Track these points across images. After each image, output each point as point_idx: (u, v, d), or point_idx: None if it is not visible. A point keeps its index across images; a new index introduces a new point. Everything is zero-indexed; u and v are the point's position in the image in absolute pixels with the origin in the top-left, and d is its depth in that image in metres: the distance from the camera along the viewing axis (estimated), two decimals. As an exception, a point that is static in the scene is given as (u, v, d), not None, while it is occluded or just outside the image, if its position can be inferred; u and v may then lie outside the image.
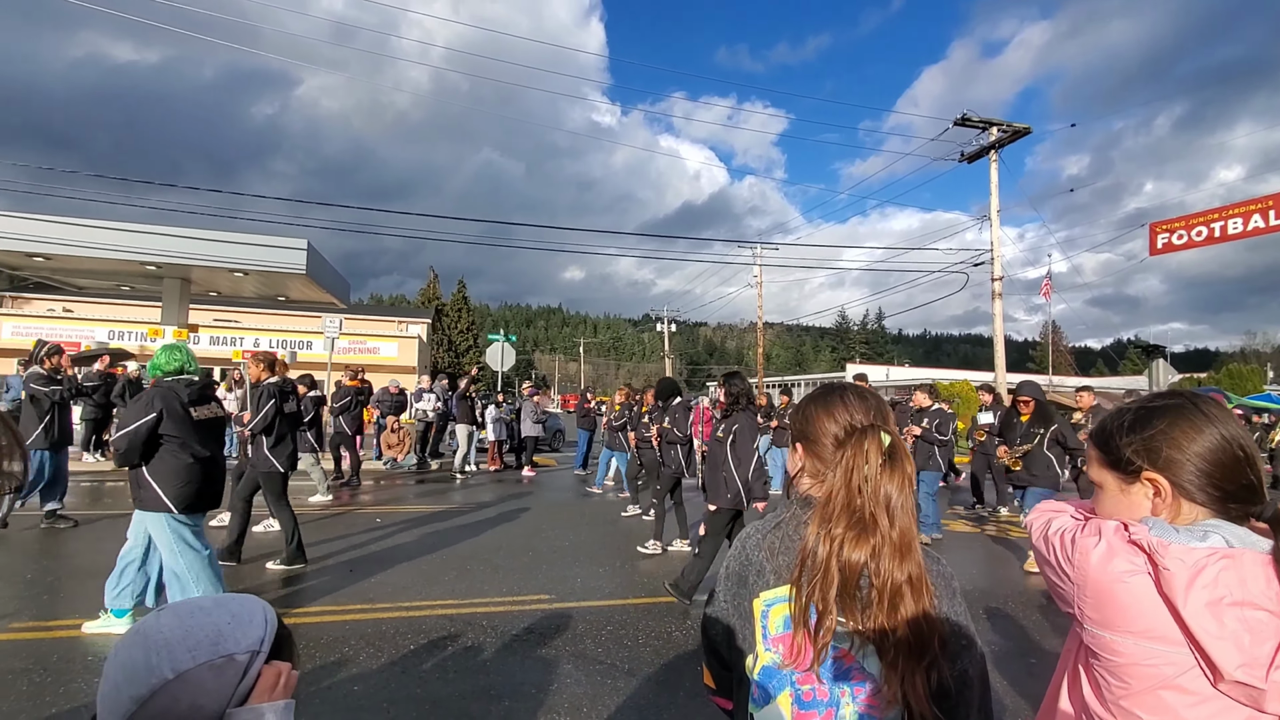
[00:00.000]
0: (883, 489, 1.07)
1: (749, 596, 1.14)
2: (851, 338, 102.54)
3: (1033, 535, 1.26)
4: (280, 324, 28.00)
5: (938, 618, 1.03)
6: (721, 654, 1.25)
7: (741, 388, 5.35)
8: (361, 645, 4.06)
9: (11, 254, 13.40)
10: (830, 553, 1.04)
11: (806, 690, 1.05)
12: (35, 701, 3.22)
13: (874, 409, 1.19)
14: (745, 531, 1.23)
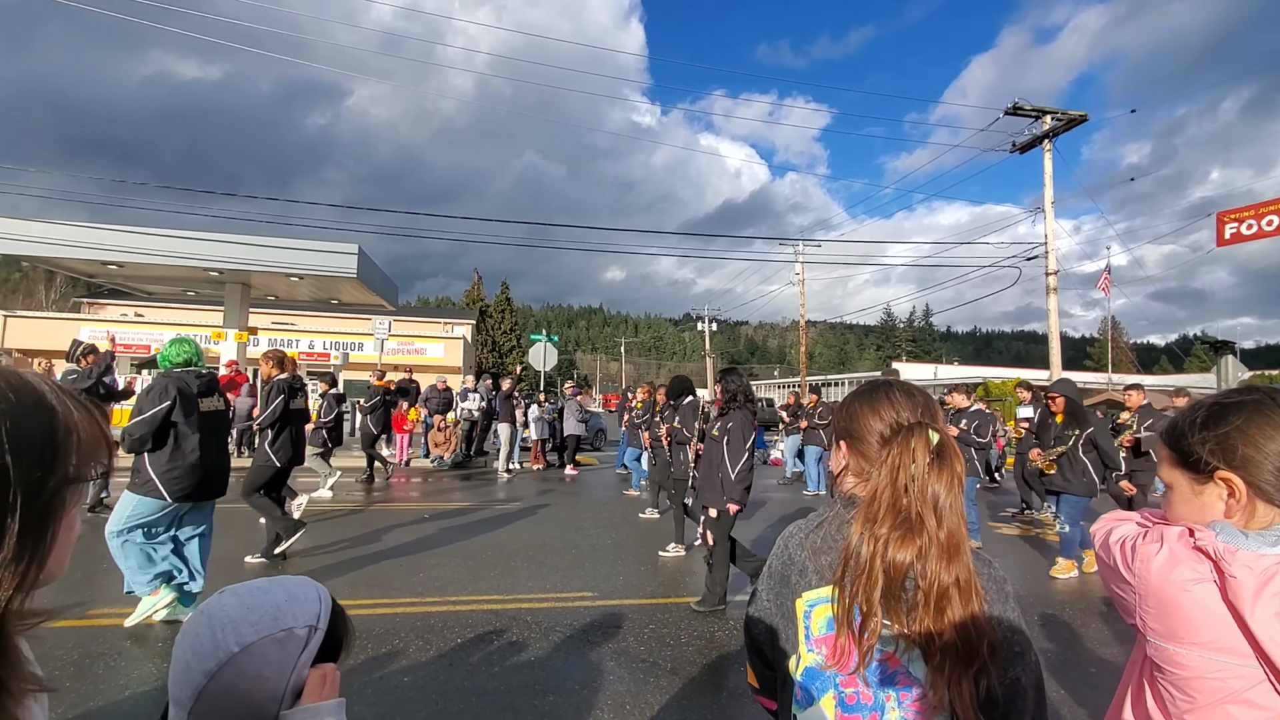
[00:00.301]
0: (930, 488, 1.04)
1: (791, 596, 1.13)
2: (897, 335, 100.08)
3: (1095, 544, 1.21)
4: (333, 326, 28.99)
5: (987, 623, 1.00)
6: (765, 653, 1.24)
7: (738, 385, 5.20)
8: (411, 637, 4.18)
9: (88, 262, 14.25)
10: (874, 553, 1.02)
11: (850, 693, 1.03)
12: (111, 685, 3.42)
13: (922, 406, 1.16)
14: (788, 530, 1.22)
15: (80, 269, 15.53)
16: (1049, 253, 16.96)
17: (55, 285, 48.73)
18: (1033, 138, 16.88)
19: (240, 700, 0.84)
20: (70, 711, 3.12)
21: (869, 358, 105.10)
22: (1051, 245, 16.91)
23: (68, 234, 13.37)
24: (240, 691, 0.83)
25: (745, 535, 7.58)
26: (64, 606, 4.48)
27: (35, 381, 0.53)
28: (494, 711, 3.28)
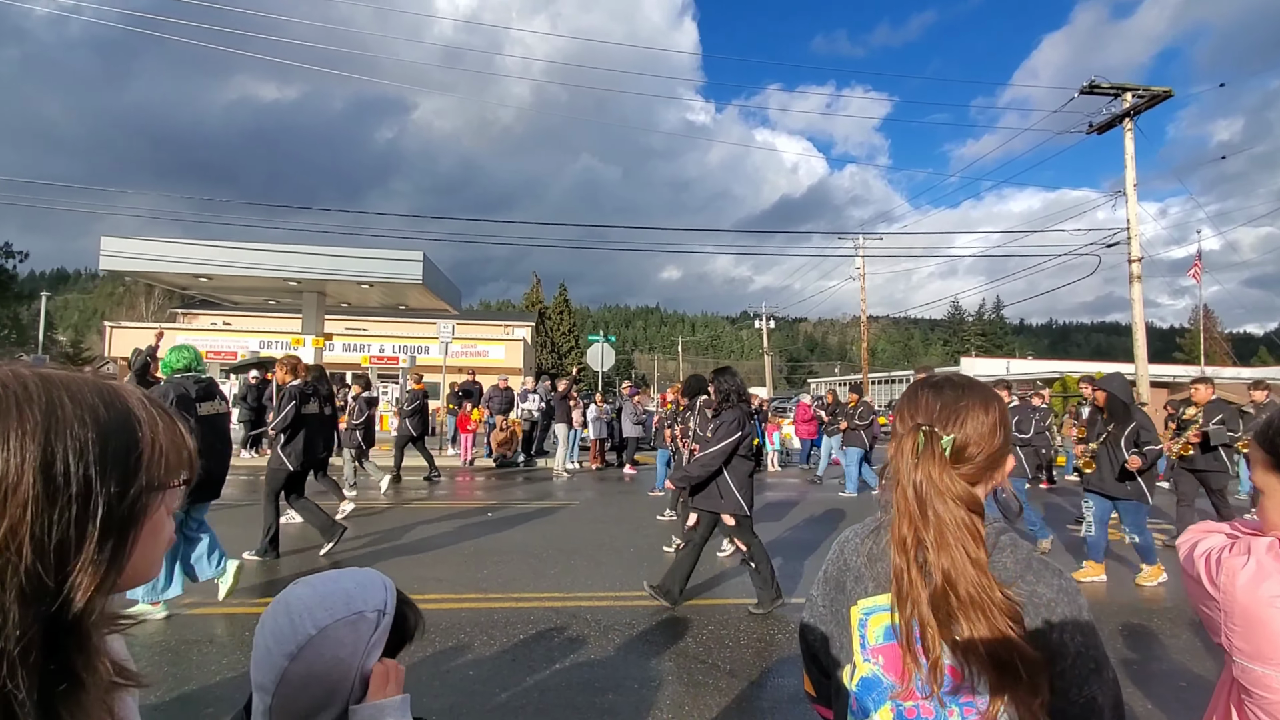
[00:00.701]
0: (913, 480, 1.02)
1: (846, 603, 1.11)
2: (966, 329, 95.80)
3: (1180, 557, 1.14)
4: (401, 331, 30.15)
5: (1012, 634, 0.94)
6: (821, 661, 1.21)
7: (730, 385, 5.08)
8: (476, 632, 4.31)
9: (181, 275, 15.37)
10: (908, 561, 0.99)
11: (909, 707, 1.00)
12: (202, 670, 3.69)
13: (940, 406, 1.10)
14: (844, 535, 1.20)
15: (174, 282, 16.75)
16: (1131, 239, 15.89)
17: (154, 298, 52.58)
18: (1112, 117, 15.86)
19: (319, 682, 0.90)
20: (169, 694, 3.38)
21: (936, 353, 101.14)
22: (1134, 230, 15.84)
23: (163, 250, 14.44)
24: (318, 673, 0.90)
25: (773, 535, 7.45)
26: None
27: (124, 392, 0.56)
28: (555, 707, 3.35)
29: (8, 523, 0.46)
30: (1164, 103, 15.40)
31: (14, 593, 0.46)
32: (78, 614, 0.50)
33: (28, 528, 0.46)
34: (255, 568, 5.70)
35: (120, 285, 55.60)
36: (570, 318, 65.20)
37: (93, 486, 0.50)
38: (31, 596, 0.47)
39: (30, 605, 0.47)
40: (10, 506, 0.46)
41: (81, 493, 0.49)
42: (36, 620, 0.47)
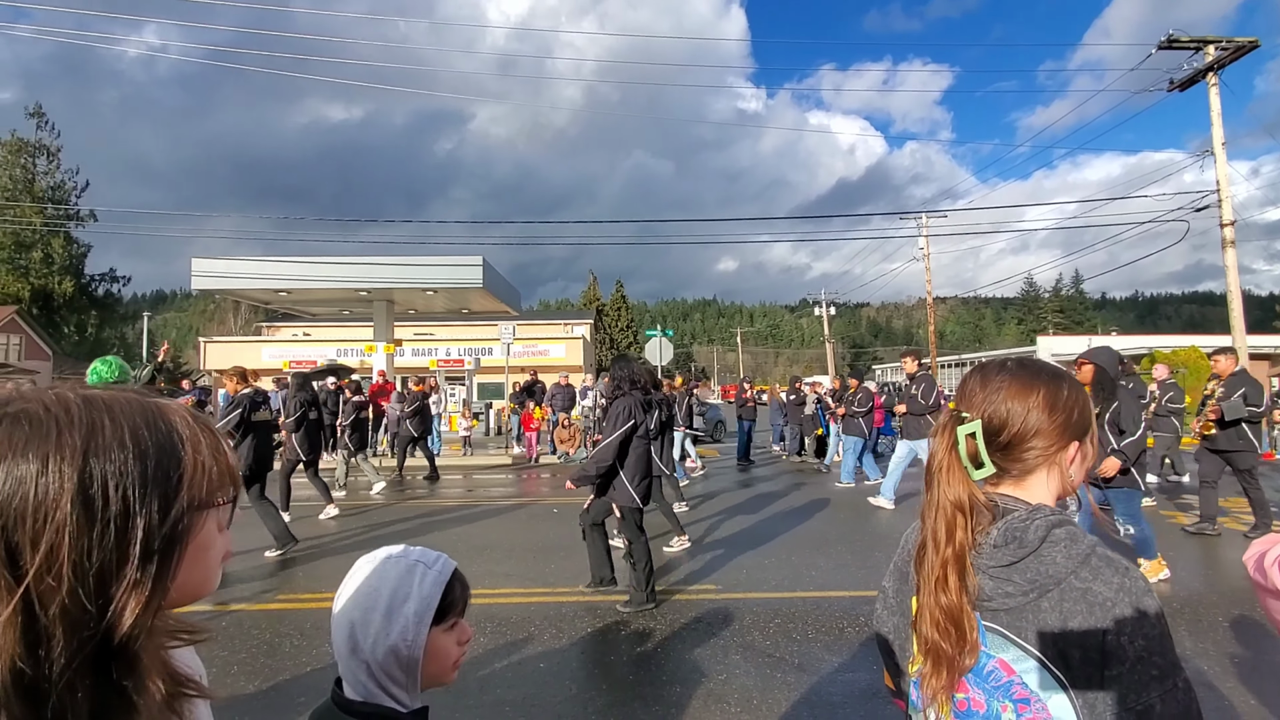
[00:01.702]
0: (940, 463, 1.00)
1: (909, 594, 1.09)
2: (1042, 306, 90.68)
3: (1250, 568, 1.07)
4: (466, 334, 31.07)
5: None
6: (894, 653, 1.19)
7: (624, 373, 4.93)
8: (546, 625, 4.44)
9: (263, 291, 16.34)
10: (931, 539, 0.99)
11: (961, 699, 0.98)
12: (296, 661, 3.95)
13: (977, 389, 1.05)
14: (915, 525, 1.16)
15: (258, 297, 17.82)
16: (1222, 201, 14.66)
17: (240, 313, 56.14)
18: (1194, 72, 14.65)
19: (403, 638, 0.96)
20: (265, 683, 3.64)
21: (1010, 332, 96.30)
22: (1225, 193, 14.61)
23: (246, 268, 15.39)
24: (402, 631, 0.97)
25: (756, 528, 7.26)
26: (257, 594, 5.21)
27: (168, 410, 0.56)
28: (624, 699, 3.42)
29: (45, 548, 0.46)
30: (1250, 54, 14.14)
31: (57, 617, 0.46)
32: (125, 636, 0.49)
33: (67, 552, 0.46)
34: (324, 561, 6.05)
35: (211, 303, 59.59)
36: (628, 313, 65.61)
37: (132, 509, 0.50)
38: (75, 621, 0.47)
39: (75, 630, 0.47)
40: (49, 531, 0.46)
41: (121, 515, 0.49)
42: (83, 644, 0.47)
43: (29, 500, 0.46)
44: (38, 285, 37.86)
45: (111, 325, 43.46)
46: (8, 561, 0.45)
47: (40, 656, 0.45)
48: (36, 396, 0.51)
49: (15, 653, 0.44)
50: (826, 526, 7.44)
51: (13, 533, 0.45)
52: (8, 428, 0.48)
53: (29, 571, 0.45)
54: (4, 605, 0.44)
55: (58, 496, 0.46)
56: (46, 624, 0.46)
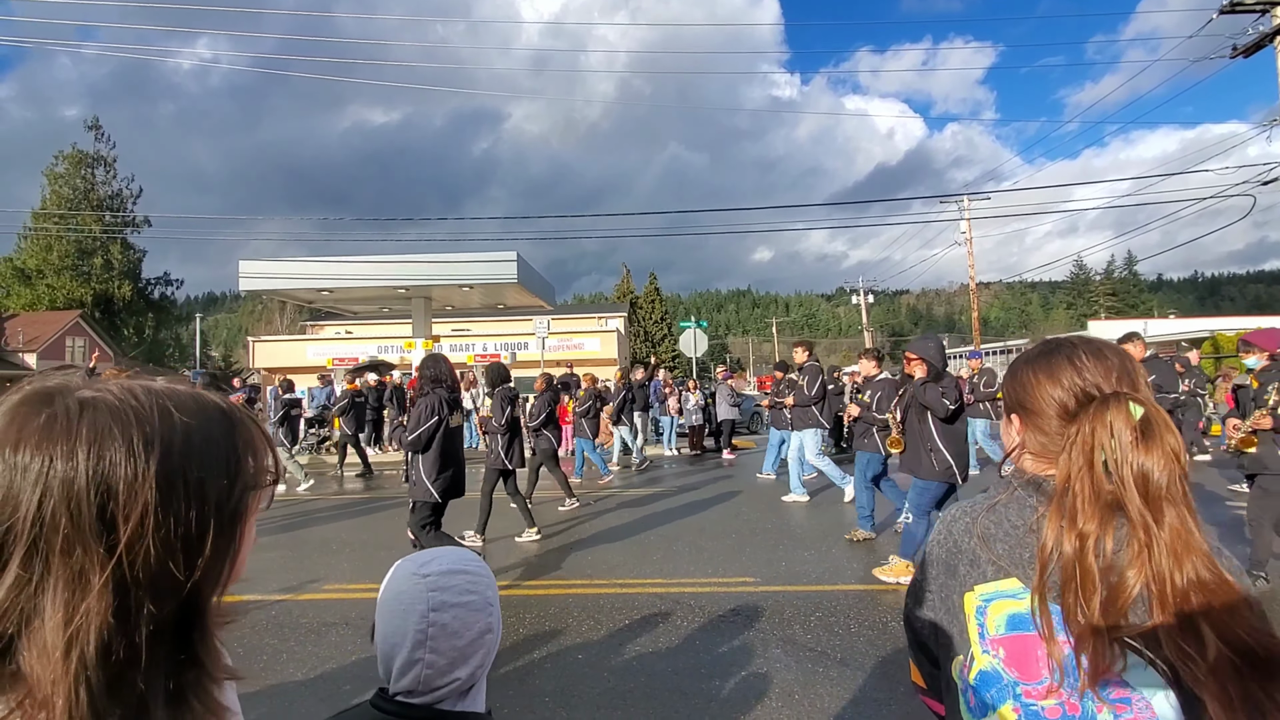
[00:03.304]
0: (1137, 468, 0.86)
1: (959, 589, 1.00)
2: (1093, 289, 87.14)
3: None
4: (502, 329, 31.46)
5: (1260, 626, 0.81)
6: (930, 651, 1.11)
7: (431, 371, 4.94)
8: (583, 617, 4.44)
9: (307, 291, 16.80)
10: (1082, 551, 0.87)
11: (1052, 705, 0.89)
12: (341, 650, 4.03)
13: (1117, 370, 0.97)
14: (952, 514, 1.08)
15: (302, 297, 18.34)
16: (1297, 172, 13.80)
17: (286, 312, 57.91)
18: (1260, 36, 13.77)
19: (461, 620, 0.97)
20: (312, 672, 3.72)
21: (1059, 318, 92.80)
22: (1300, 163, 13.74)
23: (290, 269, 15.84)
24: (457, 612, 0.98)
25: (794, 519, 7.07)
26: (303, 584, 5.35)
27: (217, 400, 0.61)
28: (662, 692, 3.39)
29: (135, 521, 0.50)
30: (1328, 10, 13.20)
31: (145, 586, 0.50)
32: (203, 605, 0.55)
33: (154, 526, 0.50)
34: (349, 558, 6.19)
35: (258, 304, 61.65)
36: (662, 306, 65.47)
37: (206, 486, 0.54)
38: (162, 590, 0.51)
39: (161, 598, 0.51)
40: (138, 507, 0.50)
41: (198, 494, 0.54)
42: (167, 612, 0.52)
43: (119, 479, 0.50)
44: (99, 290, 39.70)
45: (167, 327, 45.32)
46: (101, 534, 0.49)
47: (128, 625, 0.49)
48: (104, 386, 0.54)
49: (106, 621, 0.48)
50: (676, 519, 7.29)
51: (105, 509, 0.49)
52: (90, 414, 0.51)
53: (121, 543, 0.49)
54: (98, 574, 0.48)
55: (143, 478, 0.50)
56: (136, 593, 0.49)
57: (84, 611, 0.47)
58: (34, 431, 0.50)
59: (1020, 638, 0.92)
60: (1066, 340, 1.05)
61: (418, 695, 0.96)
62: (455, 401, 5.05)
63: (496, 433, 6.50)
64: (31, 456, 0.49)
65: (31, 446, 0.49)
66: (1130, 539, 0.86)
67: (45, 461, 0.49)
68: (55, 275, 38.49)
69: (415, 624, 0.95)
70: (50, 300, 38.09)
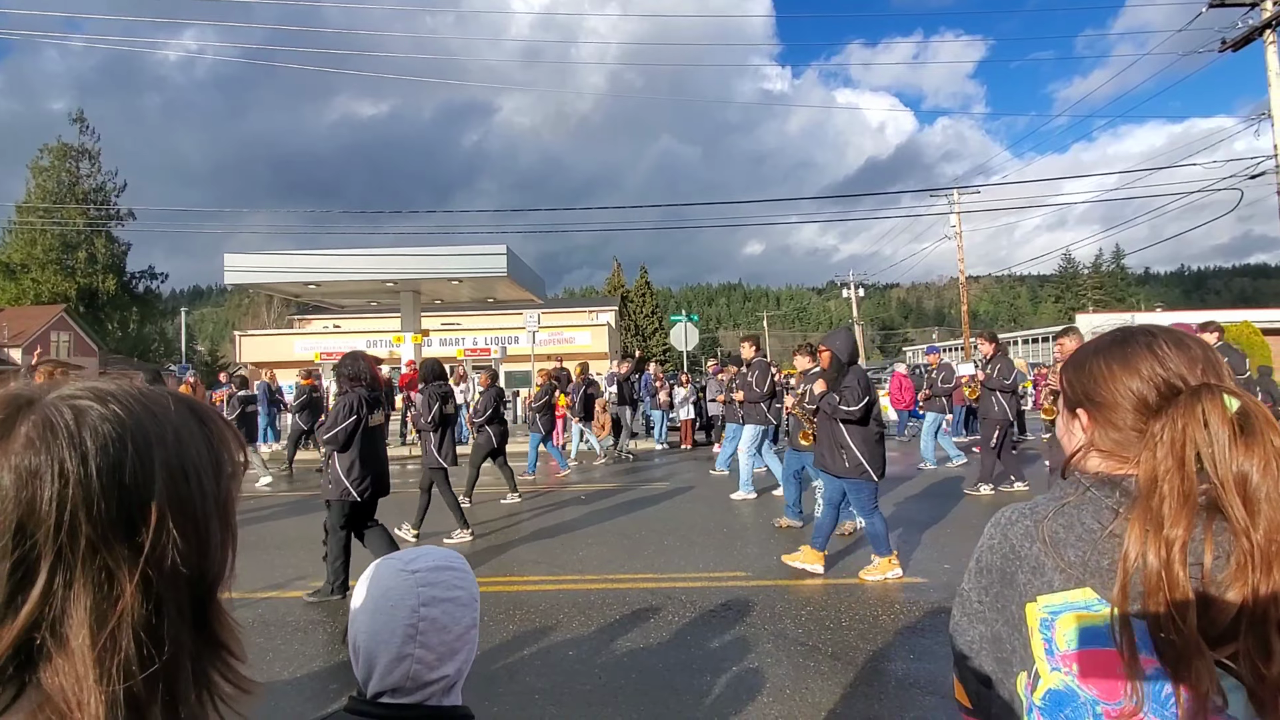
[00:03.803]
0: (1236, 468, 0.78)
1: (1018, 599, 0.92)
2: (1081, 283, 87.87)
3: None
4: (492, 323, 31.33)
5: None
6: (980, 668, 1.02)
7: (348, 369, 4.97)
8: (574, 613, 4.42)
9: (293, 284, 16.61)
10: (1170, 560, 0.78)
11: None
12: (329, 648, 3.99)
13: (1201, 360, 0.88)
14: (1007, 516, 0.99)
15: (289, 291, 18.15)
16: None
17: (273, 306, 57.41)
18: (1249, 30, 13.84)
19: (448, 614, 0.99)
20: (299, 670, 3.68)
21: (1047, 311, 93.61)
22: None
23: (276, 262, 15.66)
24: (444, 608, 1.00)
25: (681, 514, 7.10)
26: (290, 581, 5.30)
27: (184, 398, 0.61)
28: (654, 688, 3.37)
29: (155, 520, 0.51)
30: (1317, 5, 13.29)
31: (170, 576, 0.52)
32: (213, 593, 0.57)
33: (172, 517, 0.52)
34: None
35: (245, 297, 61.04)
36: (653, 299, 65.39)
37: (202, 480, 0.56)
38: (184, 579, 0.53)
39: (184, 586, 0.53)
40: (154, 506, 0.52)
41: (197, 486, 0.56)
42: (188, 598, 0.54)
43: (129, 478, 0.51)
44: (83, 284, 39.17)
45: (152, 321, 44.80)
46: (126, 535, 0.50)
47: (161, 614, 0.51)
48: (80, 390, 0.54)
49: (141, 613, 0.49)
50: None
51: (127, 508, 0.50)
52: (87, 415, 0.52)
53: (146, 541, 0.50)
54: (127, 575, 0.49)
55: (151, 473, 0.52)
56: (162, 584, 0.51)
57: (119, 612, 0.49)
58: (34, 436, 0.50)
59: (1097, 653, 0.84)
60: (1143, 328, 0.95)
61: (404, 694, 0.95)
62: (375, 400, 5.01)
63: (428, 430, 6.36)
64: (39, 459, 0.49)
65: (35, 450, 0.49)
66: (1234, 550, 0.78)
67: (55, 463, 0.49)
68: (40, 270, 37.93)
69: (405, 619, 0.95)
70: (35, 295, 37.55)
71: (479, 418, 8.18)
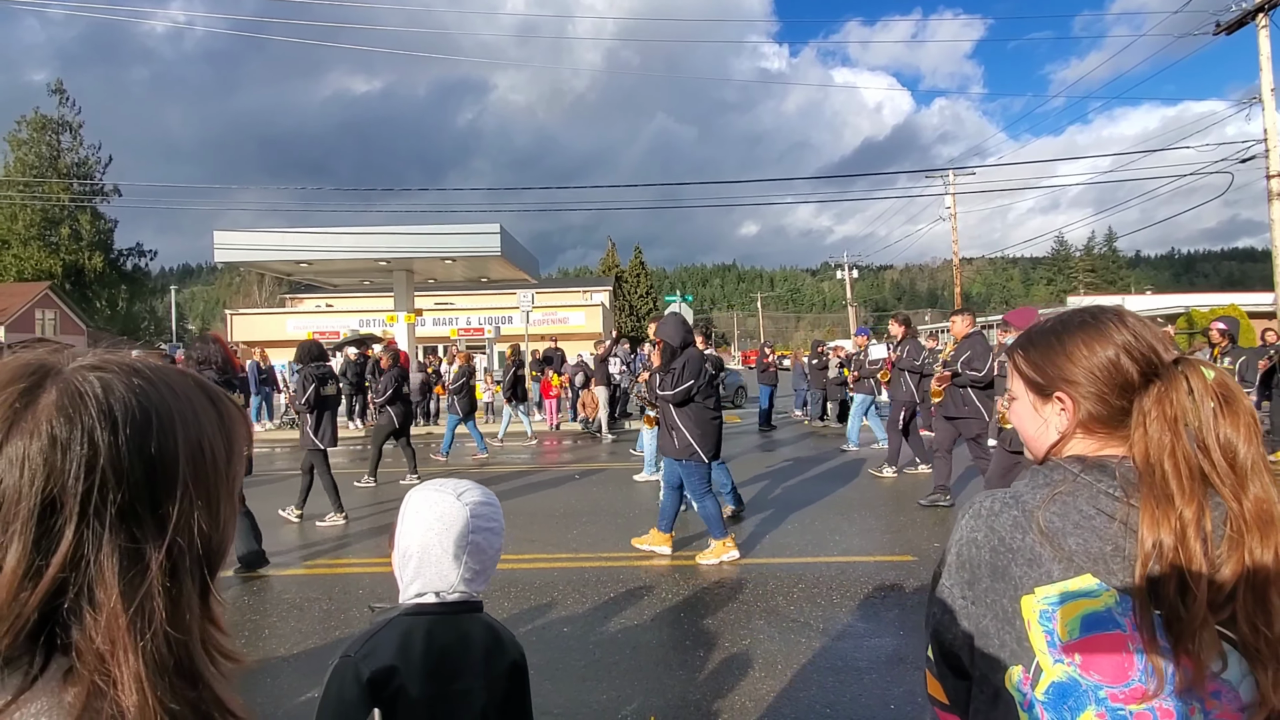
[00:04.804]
0: (1222, 438, 0.79)
1: (1012, 592, 0.89)
2: (1073, 265, 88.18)
3: None
4: (485, 302, 31.18)
5: None
6: (960, 663, 0.99)
7: (199, 354, 5.02)
8: (569, 590, 4.47)
9: (285, 263, 16.43)
10: (1186, 538, 0.78)
11: (1141, 712, 0.81)
12: (324, 625, 4.02)
13: (1162, 336, 0.89)
14: (988, 507, 0.95)
15: (280, 269, 17.94)
16: (1270, 151, 13.92)
17: (265, 285, 56.85)
18: (1242, 13, 13.79)
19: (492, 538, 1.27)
20: (295, 647, 3.71)
21: (1039, 293, 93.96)
22: (1273, 142, 13.86)
23: (267, 240, 15.47)
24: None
25: (778, 493, 7.19)
26: (285, 560, 5.32)
27: (196, 378, 0.62)
28: (648, 664, 3.43)
29: (180, 496, 0.52)
30: (1312, -13, 13.24)
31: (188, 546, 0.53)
32: (216, 565, 0.58)
33: (193, 492, 0.54)
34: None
35: (236, 275, 60.36)
36: (647, 280, 65.24)
37: (216, 456, 0.57)
38: (201, 550, 0.55)
39: (200, 557, 0.55)
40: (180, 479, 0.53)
41: (212, 463, 0.57)
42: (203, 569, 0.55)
43: (160, 451, 0.52)
44: (69, 261, 38.60)
45: (141, 299, 44.30)
46: (151, 505, 0.51)
47: (182, 592, 0.52)
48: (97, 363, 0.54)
49: (165, 583, 0.51)
50: (849, 491, 7.39)
51: (154, 479, 0.51)
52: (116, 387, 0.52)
53: (172, 516, 0.51)
54: (157, 546, 0.51)
55: (175, 446, 0.53)
56: (182, 554, 0.52)
57: (148, 580, 0.50)
58: (61, 406, 0.50)
59: (1099, 638, 0.83)
60: (1103, 307, 0.95)
61: (445, 594, 1.21)
62: (228, 384, 5.00)
63: (304, 411, 6.27)
64: (68, 429, 0.49)
65: (62, 420, 0.49)
66: (1228, 518, 0.79)
67: (84, 434, 0.49)
68: (21, 245, 37.30)
69: (457, 539, 1.19)
70: (18, 271, 36.97)
71: (379, 398, 8.15)
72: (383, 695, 1.11)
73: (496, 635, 1.27)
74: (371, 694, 1.09)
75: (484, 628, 1.26)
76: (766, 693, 3.12)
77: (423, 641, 1.16)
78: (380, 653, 1.13)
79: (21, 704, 0.47)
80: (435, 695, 1.15)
